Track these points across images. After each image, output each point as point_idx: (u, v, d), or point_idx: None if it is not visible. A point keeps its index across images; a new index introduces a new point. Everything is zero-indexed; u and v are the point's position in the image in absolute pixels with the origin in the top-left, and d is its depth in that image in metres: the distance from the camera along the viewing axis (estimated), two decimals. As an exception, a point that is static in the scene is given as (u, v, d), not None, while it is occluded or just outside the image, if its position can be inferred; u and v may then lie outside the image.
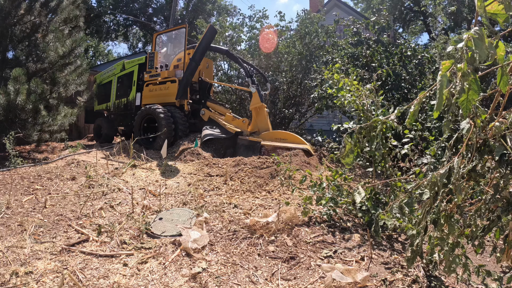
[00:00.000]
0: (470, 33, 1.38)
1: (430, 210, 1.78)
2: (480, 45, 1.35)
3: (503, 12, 1.38)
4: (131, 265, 2.21)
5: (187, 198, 3.55)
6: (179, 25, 17.39)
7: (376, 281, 2.08)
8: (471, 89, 1.44)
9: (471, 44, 1.37)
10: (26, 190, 3.65)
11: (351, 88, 3.57)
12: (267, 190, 3.87)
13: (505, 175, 1.60)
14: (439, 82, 1.47)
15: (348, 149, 2.34)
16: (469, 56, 1.40)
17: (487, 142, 1.64)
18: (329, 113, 9.09)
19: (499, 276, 1.89)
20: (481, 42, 1.35)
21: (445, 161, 1.82)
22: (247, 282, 2.07)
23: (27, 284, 1.94)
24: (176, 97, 6.45)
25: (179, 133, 6.32)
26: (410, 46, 6.87)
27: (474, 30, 1.38)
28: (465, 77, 1.42)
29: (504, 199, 1.64)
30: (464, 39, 1.40)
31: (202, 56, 6.36)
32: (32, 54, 6.23)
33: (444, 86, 1.45)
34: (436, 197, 1.74)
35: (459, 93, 1.45)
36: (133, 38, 29.75)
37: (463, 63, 1.43)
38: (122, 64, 8.00)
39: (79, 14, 6.68)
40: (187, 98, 6.67)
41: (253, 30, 10.61)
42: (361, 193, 2.50)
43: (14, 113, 5.38)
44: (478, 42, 1.35)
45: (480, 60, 1.34)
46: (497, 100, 1.68)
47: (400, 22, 23.79)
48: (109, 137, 8.12)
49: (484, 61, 1.36)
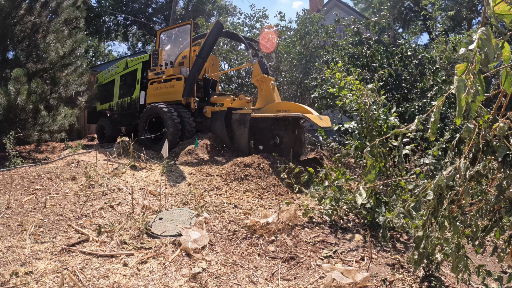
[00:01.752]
0: (480, 34, 1.35)
1: (434, 212, 1.76)
2: (488, 45, 1.33)
3: (510, 13, 1.37)
4: (131, 265, 2.21)
5: (187, 198, 3.54)
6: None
7: (376, 281, 2.08)
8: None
9: (481, 45, 1.35)
10: (26, 190, 3.65)
11: (352, 88, 3.57)
12: (267, 190, 3.87)
13: (508, 176, 1.59)
14: (457, 88, 1.41)
15: (369, 165, 2.17)
16: (481, 58, 1.38)
17: (490, 143, 1.62)
18: (330, 113, 9.09)
19: (499, 276, 1.89)
20: (489, 43, 1.33)
21: (448, 162, 1.81)
22: (247, 282, 2.07)
23: (27, 284, 1.94)
24: (183, 95, 6.29)
25: (186, 132, 6.10)
26: (410, 46, 6.87)
27: (481, 31, 1.36)
28: (475, 78, 1.40)
29: (507, 200, 1.64)
30: (474, 40, 1.37)
31: (209, 52, 6.20)
32: (33, 54, 6.24)
33: (462, 91, 1.40)
34: (441, 199, 1.72)
35: (474, 96, 1.41)
36: (133, 38, 29.77)
37: (474, 64, 1.40)
38: (125, 62, 7.80)
39: (79, 15, 6.68)
40: (194, 96, 6.44)
41: (253, 30, 10.62)
42: (362, 194, 2.50)
43: (14, 113, 5.38)
44: (485, 43, 1.33)
45: (488, 60, 1.33)
46: (500, 100, 1.67)
47: (400, 22, 23.79)
48: (112, 138, 7.92)
49: (491, 62, 1.34)
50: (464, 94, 1.41)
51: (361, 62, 6.95)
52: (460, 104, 1.41)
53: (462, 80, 1.42)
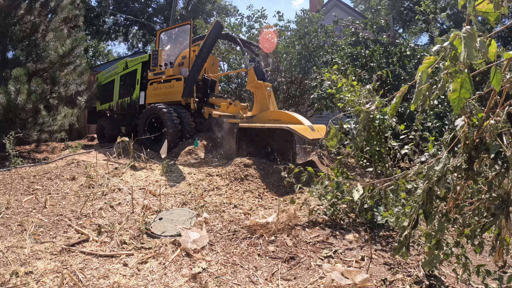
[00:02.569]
0: (456, 32, 1.41)
1: (423, 205, 1.79)
2: (470, 43, 1.36)
3: (493, 11, 1.39)
4: (131, 265, 2.21)
5: (187, 198, 3.55)
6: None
7: (376, 281, 2.09)
8: (463, 87, 1.46)
9: (457, 43, 1.40)
10: (26, 190, 3.65)
11: (350, 89, 3.58)
12: (268, 190, 3.88)
13: (500, 173, 1.61)
14: (419, 78, 1.52)
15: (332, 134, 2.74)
16: (452, 55, 1.44)
17: (484, 140, 1.64)
18: (329, 113, 9.09)
19: (499, 275, 1.89)
20: (471, 41, 1.36)
21: (442, 158, 1.82)
22: (247, 282, 2.07)
23: (27, 284, 1.94)
24: (182, 95, 6.27)
25: (185, 133, 6.11)
26: (409, 46, 6.87)
27: (465, 29, 1.39)
28: (455, 75, 1.44)
29: (499, 197, 1.64)
30: (450, 38, 1.44)
31: (208, 52, 6.17)
32: (32, 53, 6.23)
33: (423, 82, 1.52)
34: (431, 194, 1.76)
35: (440, 90, 1.50)
36: (133, 39, 29.74)
37: (446, 60, 1.47)
38: (124, 62, 7.79)
39: (78, 13, 6.67)
40: (194, 96, 6.42)
41: (251, 30, 10.61)
42: (359, 190, 2.52)
43: (14, 113, 5.38)
44: (468, 41, 1.36)
45: (468, 58, 1.35)
46: (493, 98, 1.68)
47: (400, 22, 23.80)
48: (112, 138, 7.88)
49: (471, 59, 1.37)
50: (424, 85, 1.53)
51: (360, 62, 6.95)
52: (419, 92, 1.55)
53: (425, 72, 1.52)
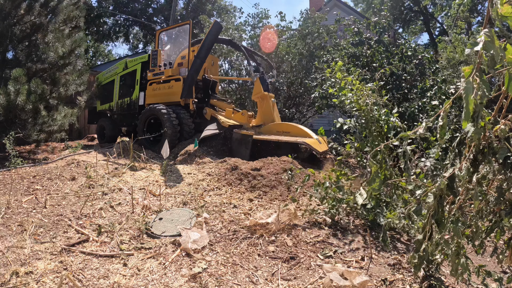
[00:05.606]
0: (483, 35, 1.32)
1: (435, 214, 1.75)
2: (492, 47, 1.30)
3: None
4: (131, 265, 2.21)
5: (187, 198, 3.54)
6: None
7: (376, 281, 2.08)
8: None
9: (486, 47, 1.32)
10: (26, 190, 3.65)
11: (353, 88, 3.56)
12: (268, 190, 3.87)
13: (509, 178, 1.58)
14: (465, 89, 1.36)
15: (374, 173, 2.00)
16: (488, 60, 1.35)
17: (491, 145, 1.61)
18: (330, 113, 9.09)
19: (499, 276, 1.89)
20: (493, 44, 1.31)
21: (449, 164, 1.79)
22: (247, 282, 2.07)
23: (27, 284, 1.94)
24: (181, 96, 6.26)
25: (185, 134, 6.12)
26: (410, 46, 6.87)
27: (484, 32, 1.34)
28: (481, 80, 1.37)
29: (507, 202, 1.63)
30: (479, 41, 1.34)
31: (207, 53, 6.17)
32: (32, 54, 6.22)
33: (470, 93, 1.35)
34: (441, 202, 1.71)
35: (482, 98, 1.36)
36: (134, 39, 29.72)
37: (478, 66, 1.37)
38: (124, 62, 7.80)
39: (79, 14, 6.66)
40: (192, 97, 6.43)
41: (255, 29, 10.64)
42: (362, 194, 2.49)
43: (14, 113, 5.38)
44: (489, 44, 1.31)
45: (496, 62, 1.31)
46: (501, 102, 1.66)
47: (400, 22, 23.80)
48: (112, 138, 7.94)
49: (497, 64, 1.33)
50: (472, 96, 1.36)
51: (362, 62, 6.94)
52: (468, 106, 1.36)
53: (469, 82, 1.37)
